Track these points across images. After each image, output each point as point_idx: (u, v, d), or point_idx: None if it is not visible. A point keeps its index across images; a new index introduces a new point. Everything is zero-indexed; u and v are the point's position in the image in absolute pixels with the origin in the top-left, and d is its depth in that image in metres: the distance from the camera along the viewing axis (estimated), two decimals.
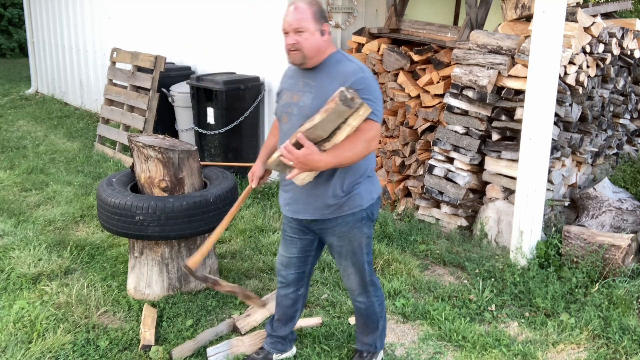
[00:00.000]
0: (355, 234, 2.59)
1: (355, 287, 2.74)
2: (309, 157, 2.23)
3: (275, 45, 5.49)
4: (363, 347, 2.92)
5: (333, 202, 2.50)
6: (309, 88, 2.46)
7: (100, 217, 3.36)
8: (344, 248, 2.62)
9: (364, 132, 2.33)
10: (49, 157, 6.44)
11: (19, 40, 16.12)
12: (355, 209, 2.54)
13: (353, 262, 2.65)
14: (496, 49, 4.26)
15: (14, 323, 3.16)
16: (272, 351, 2.94)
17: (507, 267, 3.88)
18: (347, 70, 2.40)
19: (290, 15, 2.39)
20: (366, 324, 2.85)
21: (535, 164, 3.84)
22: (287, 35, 2.41)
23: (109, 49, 7.94)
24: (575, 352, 3.09)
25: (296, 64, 2.45)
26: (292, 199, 2.59)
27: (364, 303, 2.78)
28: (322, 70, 2.46)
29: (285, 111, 2.53)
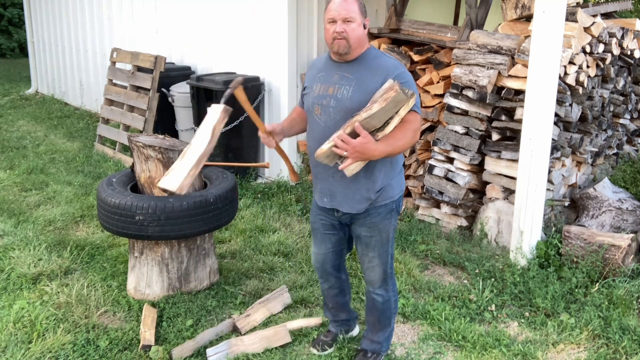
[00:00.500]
0: (385, 225, 2.65)
1: (378, 279, 2.78)
2: (365, 146, 2.29)
3: (275, 45, 5.49)
4: (370, 346, 2.94)
5: (369, 196, 2.57)
6: (346, 81, 2.49)
7: (100, 217, 3.36)
8: (373, 239, 2.67)
9: (411, 123, 2.41)
10: (49, 157, 6.44)
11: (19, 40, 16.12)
12: (387, 201, 2.62)
13: (380, 253, 2.71)
14: (496, 49, 4.26)
15: (14, 323, 3.16)
16: (338, 332, 3.09)
17: (507, 267, 3.88)
18: (388, 64, 2.47)
19: (340, 5, 2.44)
20: (379, 320, 2.88)
21: (535, 164, 3.83)
22: (335, 24, 2.45)
23: (109, 49, 7.94)
24: (575, 352, 3.09)
25: (340, 52, 2.48)
26: (330, 191, 2.64)
27: (382, 296, 2.82)
28: (361, 64, 2.50)
29: (319, 103, 2.55)
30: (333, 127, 2.46)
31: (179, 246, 3.46)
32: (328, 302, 3.05)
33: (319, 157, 2.41)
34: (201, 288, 3.59)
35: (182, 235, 3.29)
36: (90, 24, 8.61)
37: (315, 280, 3.77)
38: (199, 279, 3.58)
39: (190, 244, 3.49)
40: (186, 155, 2.63)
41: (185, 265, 3.50)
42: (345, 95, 2.48)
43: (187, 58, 6.76)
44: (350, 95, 2.47)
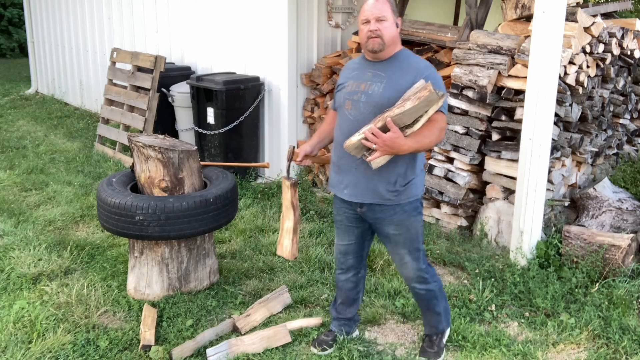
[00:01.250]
0: (412, 222, 2.74)
1: (412, 275, 2.85)
2: (395, 141, 2.41)
3: (275, 45, 5.49)
4: (430, 330, 3.06)
5: (392, 189, 2.65)
6: (378, 78, 2.62)
7: (100, 217, 3.36)
8: (402, 236, 2.75)
9: (438, 122, 2.53)
10: (49, 157, 6.44)
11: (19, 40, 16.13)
12: (412, 198, 2.70)
13: (410, 250, 2.78)
14: (496, 49, 4.26)
15: (14, 323, 3.16)
16: (339, 332, 3.11)
17: (507, 267, 3.88)
18: (420, 65, 2.61)
19: (373, 6, 2.59)
20: (429, 307, 2.98)
21: (535, 164, 3.83)
22: (368, 24, 2.59)
23: (109, 49, 7.95)
24: (575, 352, 3.09)
25: (375, 50, 2.60)
26: (352, 182, 2.71)
27: (423, 289, 2.90)
28: (393, 63, 2.63)
29: (351, 98, 2.67)
30: (362, 121, 2.58)
31: (179, 246, 3.46)
32: (339, 297, 3.10)
33: (347, 148, 2.53)
34: (201, 288, 3.59)
35: (182, 235, 3.29)
36: (90, 24, 8.62)
37: (315, 280, 3.78)
38: (199, 279, 3.58)
39: (190, 244, 3.49)
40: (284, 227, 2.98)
41: (185, 265, 3.50)
42: (376, 91, 2.60)
43: (187, 58, 6.76)
44: (382, 91, 2.58)
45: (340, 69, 5.39)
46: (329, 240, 4.40)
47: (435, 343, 3.04)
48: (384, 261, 3.99)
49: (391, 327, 3.32)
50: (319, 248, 4.22)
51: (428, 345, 3.05)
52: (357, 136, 2.50)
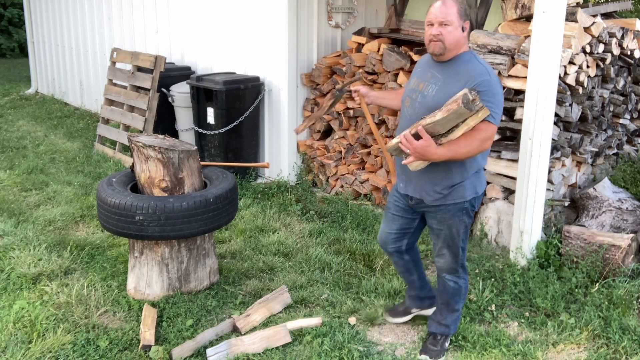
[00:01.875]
0: (455, 222, 2.81)
1: (446, 267, 2.96)
2: (425, 149, 2.49)
3: (275, 45, 5.49)
4: (438, 329, 3.08)
5: (439, 191, 2.74)
6: (435, 80, 2.68)
7: (100, 217, 3.36)
8: (442, 232, 2.85)
9: (480, 132, 2.53)
10: (49, 157, 6.44)
11: (19, 40, 16.12)
12: (458, 200, 2.76)
13: (448, 246, 2.89)
14: (496, 49, 4.26)
15: (14, 323, 3.16)
16: (410, 306, 3.29)
17: (507, 267, 3.88)
18: (474, 71, 2.59)
19: (438, 9, 2.61)
20: (449, 303, 3.03)
21: (535, 164, 3.83)
22: (432, 27, 2.63)
23: (109, 49, 7.95)
24: (575, 352, 3.09)
25: (435, 53, 2.65)
26: (406, 177, 2.85)
27: (453, 281, 2.99)
28: (451, 66, 2.66)
29: (410, 96, 2.77)
30: (414, 120, 2.64)
31: (179, 246, 3.46)
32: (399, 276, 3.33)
33: (388, 148, 2.67)
34: (201, 288, 3.59)
35: (182, 235, 3.29)
36: (90, 24, 8.62)
37: (315, 280, 3.78)
38: (199, 279, 3.58)
39: (190, 244, 3.49)
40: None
41: (185, 265, 3.50)
42: (430, 93, 2.66)
43: (187, 58, 6.76)
44: (434, 94, 2.64)
45: (340, 69, 5.39)
46: (329, 240, 4.40)
47: (439, 342, 3.05)
48: (384, 261, 3.99)
49: (391, 327, 3.32)
50: (319, 248, 4.22)
51: (432, 343, 3.06)
52: (396, 139, 2.58)
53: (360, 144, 5.26)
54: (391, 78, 4.99)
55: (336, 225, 4.69)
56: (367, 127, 5.13)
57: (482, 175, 2.84)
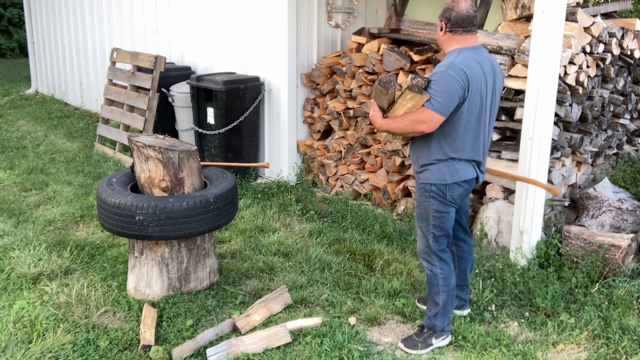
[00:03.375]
0: (423, 202, 3.01)
1: (420, 249, 3.13)
2: (372, 118, 2.97)
3: (275, 45, 5.49)
4: (425, 321, 3.16)
5: (415, 168, 3.03)
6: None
7: (100, 217, 3.36)
8: (416, 210, 3.09)
9: (413, 114, 2.80)
10: (49, 157, 6.44)
11: (19, 40, 16.12)
12: (424, 181, 2.98)
13: (419, 226, 3.08)
14: (496, 49, 4.26)
15: (14, 323, 3.16)
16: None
17: (507, 267, 3.88)
18: (439, 65, 2.82)
19: None
20: (430, 293, 3.13)
21: (535, 164, 3.83)
22: None
23: (109, 49, 7.95)
24: (575, 352, 3.09)
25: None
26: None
27: (427, 268, 3.11)
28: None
29: None
30: None
31: (179, 246, 3.46)
32: None
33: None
34: (201, 288, 3.59)
35: (182, 235, 3.29)
36: (90, 24, 8.62)
37: (315, 280, 3.78)
38: (199, 279, 3.58)
39: (190, 244, 3.49)
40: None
41: (185, 265, 3.50)
42: None
43: (187, 58, 6.76)
44: None
45: (340, 69, 5.39)
46: (329, 240, 4.40)
47: (423, 335, 3.09)
48: (384, 261, 4.00)
49: (391, 327, 3.32)
50: (319, 248, 4.22)
51: (416, 333, 3.12)
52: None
53: (360, 144, 5.26)
54: None
55: (336, 225, 4.69)
56: (367, 127, 5.14)
57: (453, 166, 2.92)
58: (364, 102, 5.12)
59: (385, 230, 4.47)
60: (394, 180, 4.99)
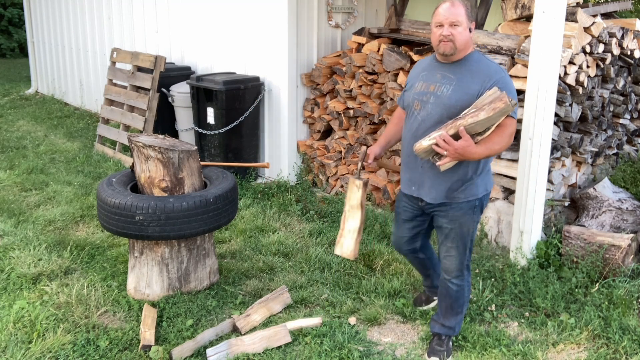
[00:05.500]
0: (467, 220, 2.82)
1: (454, 269, 2.93)
2: (467, 149, 2.50)
3: (275, 45, 5.49)
4: (442, 329, 3.06)
5: (454, 189, 2.75)
6: (447, 80, 2.69)
7: (100, 217, 3.36)
8: (453, 231, 2.84)
9: (507, 128, 2.58)
10: (49, 157, 6.44)
11: (19, 40, 16.12)
12: (471, 198, 2.78)
13: (457, 245, 2.87)
14: (496, 49, 4.26)
15: (14, 323, 3.16)
16: (432, 294, 3.44)
17: (507, 267, 3.88)
18: (490, 69, 2.65)
19: (447, 10, 2.63)
20: (452, 306, 3.01)
21: (535, 164, 3.83)
22: (442, 27, 2.64)
23: (109, 49, 7.95)
24: (575, 352, 3.09)
25: (447, 53, 2.66)
26: (418, 180, 2.84)
27: (457, 285, 2.96)
28: (463, 66, 2.69)
29: (420, 99, 2.76)
30: (428, 122, 2.69)
31: (179, 246, 3.46)
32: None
33: (417, 151, 2.62)
34: (201, 288, 3.60)
35: (182, 235, 3.29)
36: (90, 24, 8.62)
37: (315, 280, 3.78)
38: (199, 279, 3.58)
39: (190, 244, 3.49)
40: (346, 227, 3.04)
41: (185, 265, 3.50)
42: (445, 93, 2.66)
43: (187, 58, 6.76)
44: (450, 93, 2.65)
45: (340, 69, 5.39)
46: (329, 240, 4.40)
47: (444, 342, 3.05)
48: (384, 261, 3.99)
49: (391, 327, 3.32)
50: (319, 248, 4.22)
51: (437, 344, 3.05)
52: (427, 141, 2.55)
53: (360, 144, 5.26)
54: (391, 78, 4.99)
55: (336, 225, 4.69)
56: (368, 127, 5.14)
57: (490, 173, 2.89)
58: (364, 102, 5.12)
59: (385, 230, 4.47)
60: (393, 180, 5.00)
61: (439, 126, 2.63)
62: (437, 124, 2.65)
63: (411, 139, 2.77)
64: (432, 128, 2.66)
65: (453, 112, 2.62)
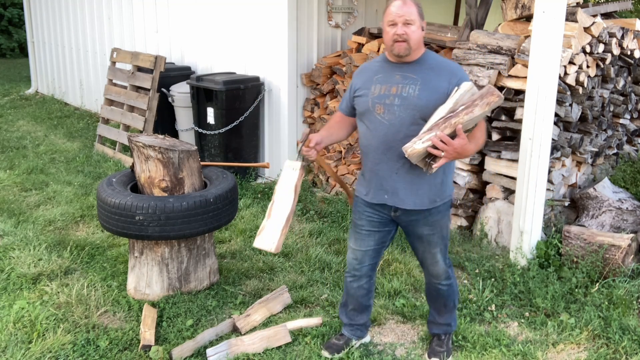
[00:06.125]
0: (445, 221, 2.77)
1: (442, 272, 2.87)
2: (465, 148, 2.43)
3: (275, 45, 5.49)
4: (440, 329, 3.05)
5: (433, 193, 2.67)
6: (410, 80, 2.59)
7: (100, 217, 3.36)
8: (436, 235, 2.76)
9: (484, 122, 2.61)
10: (49, 157, 6.44)
11: (19, 40, 16.12)
12: (447, 199, 2.74)
13: (441, 248, 2.80)
14: (496, 49, 4.26)
15: (14, 323, 3.16)
16: (352, 337, 3.07)
17: (507, 267, 3.88)
18: (451, 66, 2.62)
19: (400, 8, 2.54)
20: (446, 304, 2.98)
21: (535, 164, 3.83)
22: (395, 27, 2.54)
23: (109, 49, 7.95)
24: (575, 352, 3.09)
25: (401, 54, 2.57)
26: (393, 188, 2.67)
27: (447, 285, 2.91)
28: (423, 65, 2.62)
29: (382, 102, 2.62)
30: (400, 125, 2.57)
31: (179, 246, 3.46)
32: (350, 303, 3.02)
33: (411, 156, 2.47)
34: (201, 288, 3.59)
35: (182, 235, 3.29)
36: (90, 24, 8.62)
37: (315, 280, 3.77)
38: (199, 279, 3.58)
39: (190, 244, 3.49)
40: (272, 214, 2.70)
41: (185, 265, 3.50)
42: (411, 93, 2.57)
43: (187, 58, 6.76)
44: (418, 93, 2.56)
45: (340, 69, 5.39)
46: (329, 240, 4.40)
47: (444, 342, 3.04)
48: (384, 261, 3.99)
49: (391, 327, 3.32)
50: (319, 248, 4.22)
51: (437, 344, 3.04)
52: (421, 144, 2.43)
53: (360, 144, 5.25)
54: None
55: (336, 225, 4.69)
56: None
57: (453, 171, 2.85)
58: None
59: None
60: None
61: (413, 128, 2.53)
62: (411, 125, 2.54)
63: (380, 144, 2.62)
64: (408, 131, 2.54)
65: (425, 112, 2.52)
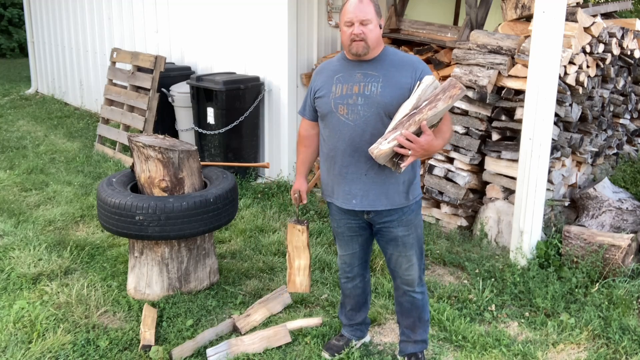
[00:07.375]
0: (419, 220, 2.71)
1: (416, 277, 2.77)
2: (431, 144, 2.36)
3: (275, 45, 5.49)
4: (417, 347, 2.92)
5: (403, 192, 2.60)
6: (372, 78, 2.52)
7: (100, 217, 3.36)
8: (411, 236, 2.68)
9: (448, 115, 2.53)
10: (49, 157, 6.44)
11: (19, 40, 16.13)
12: (417, 197, 2.68)
13: (416, 251, 2.72)
14: (496, 49, 4.26)
15: (14, 323, 3.16)
16: (352, 337, 3.05)
17: (507, 267, 3.88)
18: (412, 60, 2.57)
19: (357, 7, 2.47)
20: (420, 317, 2.86)
21: (535, 164, 3.83)
22: (352, 26, 2.48)
23: (109, 49, 7.95)
24: (575, 352, 3.09)
25: (359, 54, 2.51)
26: (362, 190, 2.60)
27: (421, 293, 2.82)
28: (384, 61, 2.55)
29: (344, 103, 2.55)
30: (365, 124, 2.50)
31: (179, 246, 3.46)
32: (347, 304, 3.01)
33: (378, 157, 2.40)
34: (201, 288, 3.60)
35: (182, 235, 3.29)
36: (90, 24, 8.62)
37: (315, 280, 3.77)
38: (199, 279, 3.58)
39: (190, 244, 3.49)
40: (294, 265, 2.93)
41: (185, 265, 3.50)
42: (374, 91, 2.50)
43: (187, 58, 6.76)
44: (381, 91, 2.49)
45: None
46: (329, 240, 4.40)
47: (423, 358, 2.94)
48: (384, 261, 3.99)
49: (391, 327, 3.32)
50: (319, 248, 4.22)
51: None
52: (387, 144, 2.36)
53: None
54: None
55: None
56: None
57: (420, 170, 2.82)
58: None
59: None
60: None
61: (379, 127, 2.47)
62: (377, 124, 2.48)
63: (347, 147, 2.54)
64: (374, 130, 2.49)
65: (390, 109, 2.46)
